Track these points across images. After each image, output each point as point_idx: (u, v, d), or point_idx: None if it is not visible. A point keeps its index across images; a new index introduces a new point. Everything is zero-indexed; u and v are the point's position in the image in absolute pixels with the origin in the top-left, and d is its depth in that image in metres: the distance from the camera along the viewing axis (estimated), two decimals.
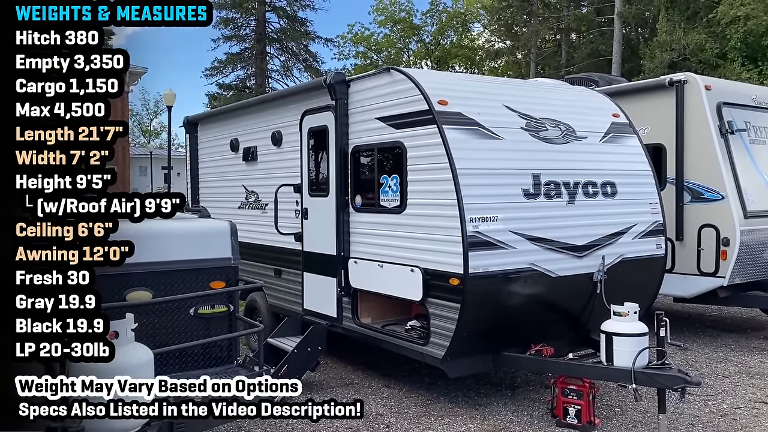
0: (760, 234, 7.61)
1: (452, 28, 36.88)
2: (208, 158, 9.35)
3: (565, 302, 5.83)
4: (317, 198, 6.76)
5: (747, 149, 7.85)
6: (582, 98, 6.85)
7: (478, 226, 5.13)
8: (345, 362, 7.28)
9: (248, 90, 32.79)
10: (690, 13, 23.99)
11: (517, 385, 6.51)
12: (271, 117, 7.68)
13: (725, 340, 8.31)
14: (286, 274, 7.35)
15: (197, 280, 4.55)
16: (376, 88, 5.99)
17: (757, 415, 5.65)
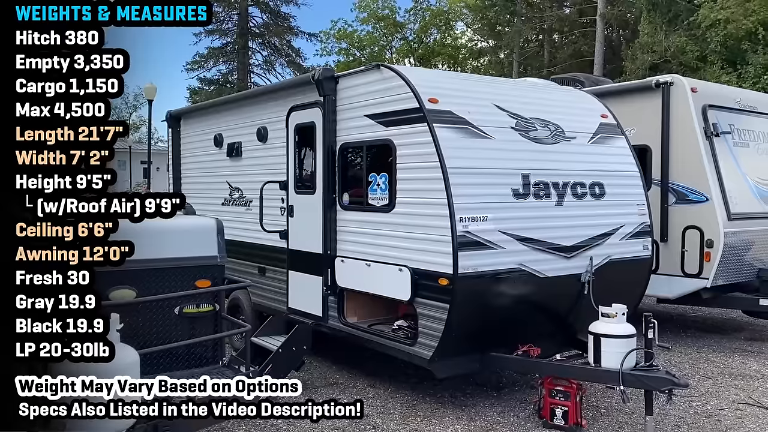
0: (742, 236, 7.68)
1: (435, 26, 36.86)
2: (190, 153, 9.20)
3: (552, 303, 5.81)
4: (303, 195, 6.68)
5: (731, 152, 7.91)
6: (571, 98, 6.85)
7: (468, 225, 5.09)
8: (329, 362, 7.20)
9: (230, 85, 32.46)
10: (671, 16, 24.25)
11: (503, 385, 6.49)
12: (257, 112, 7.57)
13: (707, 341, 8.39)
14: (271, 272, 7.25)
15: (182, 279, 4.46)
16: (366, 84, 5.91)
17: (741, 417, 5.68)
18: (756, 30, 19.99)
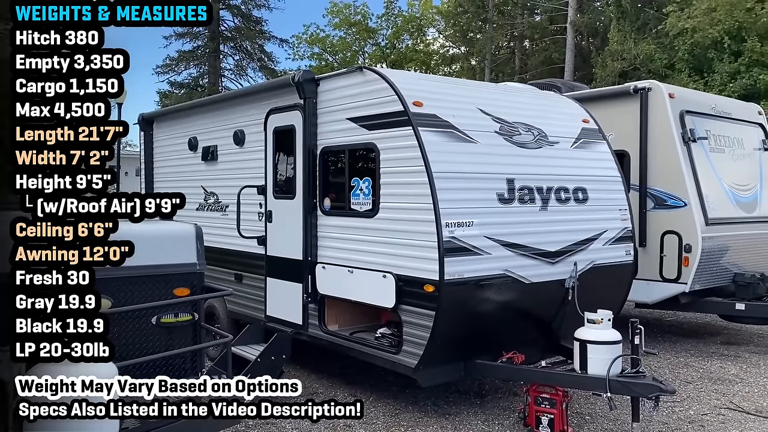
0: (719, 241, 7.74)
1: (407, 32, 36.90)
2: (164, 157, 8.96)
3: (537, 309, 5.75)
4: (283, 200, 6.52)
5: (708, 157, 7.98)
6: (553, 103, 6.82)
7: (454, 231, 5.00)
8: (308, 370, 7.04)
9: (201, 89, 31.92)
10: (640, 24, 24.68)
11: (485, 392, 6.40)
12: (234, 115, 7.39)
13: (684, 345, 8.43)
14: (248, 280, 7.06)
15: (160, 287, 4.26)
16: (348, 87, 5.79)
17: (724, 422, 5.69)
18: (722, 39, 20.43)
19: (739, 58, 20.50)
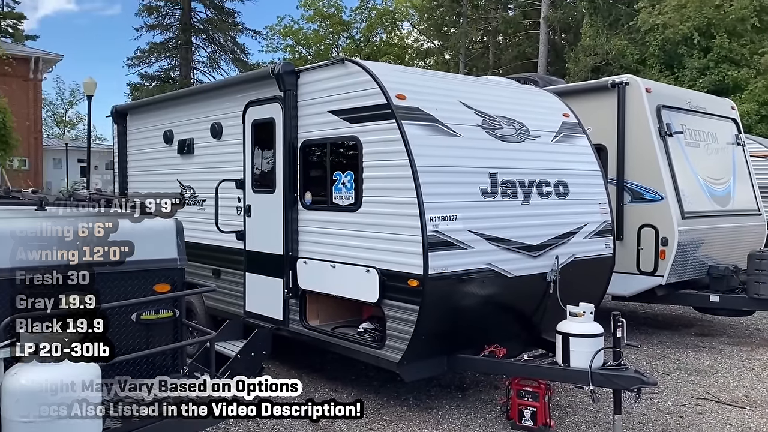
0: (695, 234, 7.85)
1: (381, 25, 36.84)
2: (138, 151, 8.78)
3: (519, 302, 5.77)
4: (262, 194, 6.42)
5: (683, 151, 8.08)
6: (533, 97, 6.83)
7: (438, 225, 4.97)
8: (288, 366, 6.96)
9: (172, 81, 31.48)
10: (612, 20, 24.97)
11: (466, 386, 6.41)
12: (211, 108, 7.25)
13: (660, 337, 8.55)
14: (226, 275, 6.96)
15: (140, 283, 4.14)
16: (329, 79, 5.72)
17: (701, 413, 5.77)
18: (692, 35, 20.78)
19: (708, 54, 20.87)
